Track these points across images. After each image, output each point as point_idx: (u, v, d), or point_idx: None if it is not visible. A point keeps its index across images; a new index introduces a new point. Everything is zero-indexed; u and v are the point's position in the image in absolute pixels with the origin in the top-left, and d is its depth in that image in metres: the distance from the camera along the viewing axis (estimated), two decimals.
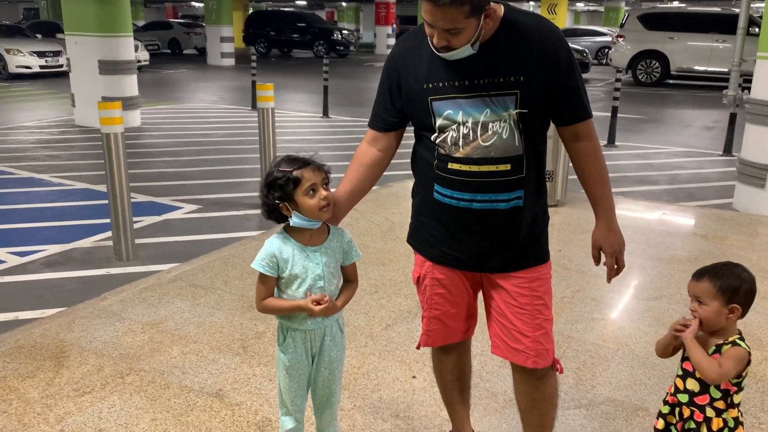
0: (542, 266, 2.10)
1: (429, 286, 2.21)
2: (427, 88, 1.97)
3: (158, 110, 12.30)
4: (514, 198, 1.99)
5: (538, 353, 2.08)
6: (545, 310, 2.09)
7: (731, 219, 5.74)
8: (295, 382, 2.13)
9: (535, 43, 1.90)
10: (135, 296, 3.93)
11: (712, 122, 11.73)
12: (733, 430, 1.90)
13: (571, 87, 1.97)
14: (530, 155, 1.98)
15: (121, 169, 4.54)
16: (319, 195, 1.96)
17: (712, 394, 1.89)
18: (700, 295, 1.87)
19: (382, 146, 2.19)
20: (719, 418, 1.89)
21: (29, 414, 2.72)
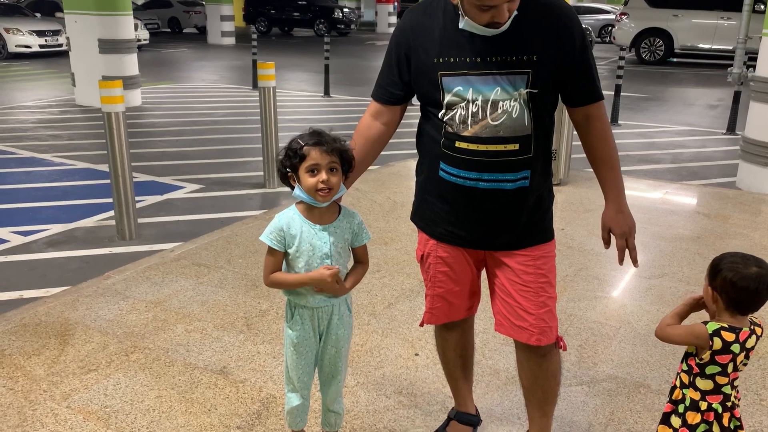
0: (547, 244, 2.10)
1: (433, 264, 2.21)
2: (438, 63, 1.93)
3: (159, 89, 12.24)
4: (520, 178, 1.97)
5: (542, 330, 2.08)
6: (549, 288, 2.09)
7: (734, 198, 5.73)
8: (302, 359, 2.14)
9: (550, 23, 1.88)
10: (138, 275, 3.94)
11: (716, 101, 11.66)
12: (688, 409, 1.87)
13: (584, 68, 1.95)
14: (539, 135, 1.96)
15: (123, 148, 4.54)
16: (319, 177, 1.95)
17: (683, 364, 1.93)
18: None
19: (386, 119, 2.19)
20: (680, 390, 1.91)
21: (35, 391, 2.74)
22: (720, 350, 1.80)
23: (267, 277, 2.05)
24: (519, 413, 2.63)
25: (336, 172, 1.98)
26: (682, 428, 1.89)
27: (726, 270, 1.81)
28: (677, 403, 1.91)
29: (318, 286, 2.00)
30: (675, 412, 1.91)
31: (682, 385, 1.91)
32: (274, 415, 2.60)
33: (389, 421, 2.57)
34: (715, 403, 1.86)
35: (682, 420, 1.89)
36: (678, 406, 1.91)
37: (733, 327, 1.82)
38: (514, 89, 1.89)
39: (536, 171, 2.00)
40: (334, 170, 1.98)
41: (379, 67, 2.17)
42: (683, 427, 1.88)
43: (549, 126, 2.02)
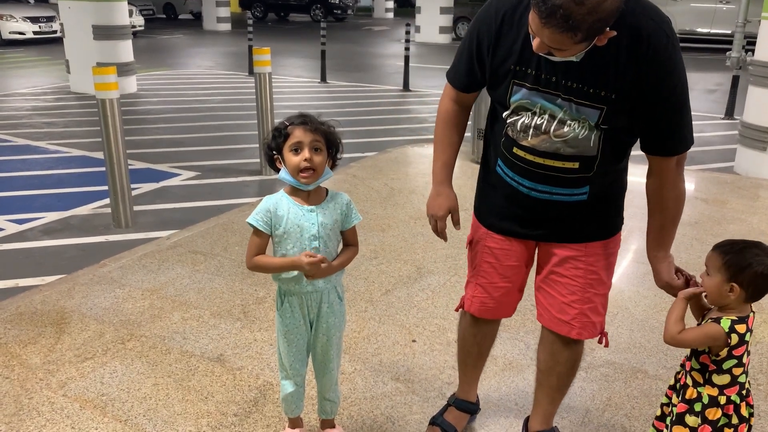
0: (604, 241, 2.02)
1: (479, 253, 2.18)
2: (514, 70, 1.83)
3: (154, 76, 12.16)
4: (577, 194, 1.92)
5: (584, 325, 2.06)
6: (598, 284, 2.04)
7: (732, 182, 5.72)
8: (294, 347, 2.13)
9: (641, 55, 1.69)
10: (134, 263, 3.93)
11: (714, 85, 11.62)
12: (707, 407, 1.83)
13: (672, 115, 1.78)
14: (606, 154, 1.85)
15: (118, 135, 4.50)
16: (302, 156, 1.93)
17: (692, 362, 1.87)
18: (707, 265, 1.81)
19: (467, 103, 2.15)
20: (694, 389, 1.86)
21: (31, 380, 2.73)
22: (737, 344, 1.78)
23: (249, 259, 2.03)
24: (516, 399, 2.63)
25: (320, 153, 1.96)
26: (702, 426, 1.84)
27: (756, 264, 1.74)
28: (692, 402, 1.86)
29: (297, 270, 1.98)
30: (690, 411, 1.86)
31: (696, 384, 1.86)
32: (271, 402, 2.59)
33: (386, 407, 2.57)
34: (733, 394, 1.83)
35: (702, 418, 1.84)
36: (693, 405, 1.85)
37: (741, 317, 1.79)
38: (584, 115, 1.79)
39: (597, 185, 1.92)
40: (318, 150, 1.96)
41: (374, 53, 2.15)
42: (704, 424, 1.84)
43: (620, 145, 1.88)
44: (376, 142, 7.27)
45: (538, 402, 2.27)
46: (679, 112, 1.79)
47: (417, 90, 10.99)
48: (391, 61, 14.88)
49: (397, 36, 20.95)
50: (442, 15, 19.63)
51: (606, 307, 2.12)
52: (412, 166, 6.21)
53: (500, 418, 2.51)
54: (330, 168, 2.03)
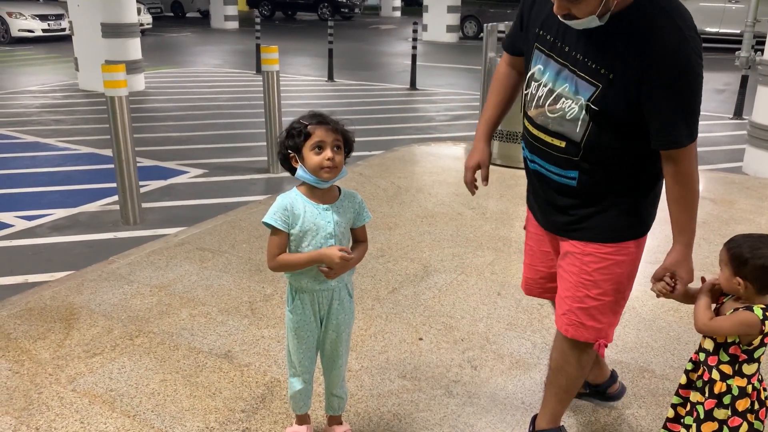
0: (600, 245, 1.98)
1: (526, 234, 2.33)
2: (538, 34, 1.93)
3: (162, 74, 12.20)
4: (565, 176, 1.94)
5: (572, 324, 2.06)
6: (593, 288, 2.00)
7: (740, 183, 5.69)
8: (304, 344, 2.14)
9: (645, 42, 1.71)
10: (143, 259, 3.95)
11: (722, 85, 11.57)
12: (737, 398, 1.84)
13: (668, 108, 1.75)
14: (594, 147, 1.85)
15: (126, 132, 4.52)
16: (325, 155, 1.94)
17: (720, 356, 1.86)
18: (720, 260, 1.86)
19: (517, 66, 2.19)
20: (723, 382, 1.85)
21: (41, 374, 2.75)
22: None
23: (272, 259, 2.01)
24: (523, 398, 2.63)
25: (340, 151, 1.98)
26: (732, 418, 1.84)
27: (754, 258, 1.77)
28: (721, 395, 1.85)
29: (326, 263, 1.99)
30: (720, 405, 1.86)
31: (724, 377, 1.85)
32: (279, 398, 2.60)
33: (393, 405, 2.58)
34: (755, 381, 1.87)
35: (732, 410, 1.84)
36: (723, 398, 1.85)
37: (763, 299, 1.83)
38: (578, 94, 1.82)
39: (594, 177, 1.90)
40: (339, 148, 1.98)
41: (382, 52, 2.18)
42: (734, 416, 1.84)
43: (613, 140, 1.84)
44: (383, 141, 7.27)
45: (547, 400, 2.27)
46: (677, 108, 1.76)
47: (424, 89, 10.99)
48: (398, 59, 14.88)
49: (404, 35, 20.94)
50: (449, 14, 19.62)
51: (606, 316, 2.04)
52: (419, 165, 6.21)
53: (507, 416, 2.52)
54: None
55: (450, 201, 5.11)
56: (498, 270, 3.84)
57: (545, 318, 3.26)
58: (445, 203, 5.05)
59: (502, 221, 4.67)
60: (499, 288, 3.60)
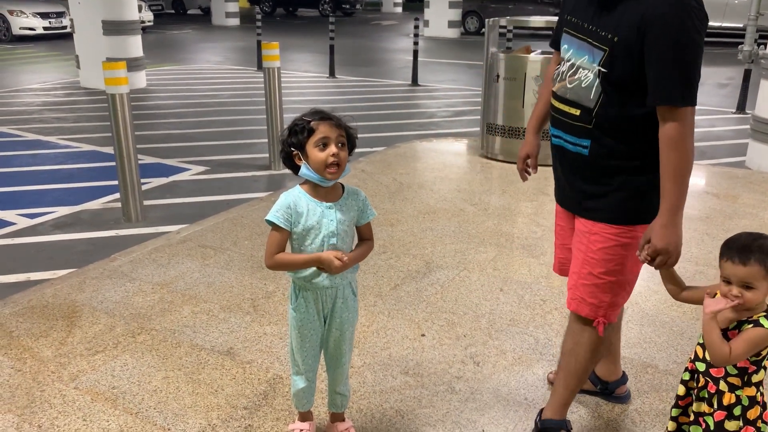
0: (604, 225, 2.05)
1: (555, 214, 2.39)
2: (567, 20, 2.06)
3: (163, 71, 12.19)
4: (579, 145, 2.03)
5: (574, 297, 2.18)
6: (597, 267, 2.08)
7: (744, 177, 5.67)
8: (307, 342, 2.13)
9: (648, 7, 1.81)
10: (145, 257, 3.94)
11: (725, 79, 11.53)
12: (747, 408, 1.77)
13: (660, 63, 1.82)
14: (605, 113, 1.94)
15: (128, 130, 4.52)
16: (329, 151, 1.93)
17: (728, 369, 1.78)
18: (749, 280, 1.66)
19: None
20: (732, 393, 1.78)
21: (43, 372, 2.75)
22: None
23: (270, 257, 2.00)
24: (525, 394, 2.63)
25: (344, 148, 1.97)
26: (745, 428, 1.79)
27: None
28: (731, 407, 1.78)
29: (324, 266, 1.98)
30: (730, 417, 1.79)
31: (733, 388, 1.78)
32: (281, 395, 2.60)
33: (396, 401, 2.57)
34: (762, 387, 1.81)
35: (743, 420, 1.78)
36: (733, 410, 1.79)
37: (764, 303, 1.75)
38: (594, 62, 1.95)
39: (603, 147, 1.98)
40: (343, 145, 1.96)
41: (383, 48, 2.19)
42: (746, 425, 1.78)
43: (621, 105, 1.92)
44: (385, 137, 7.26)
45: (555, 390, 2.31)
46: (669, 64, 1.81)
47: (426, 84, 10.97)
48: (399, 55, 14.85)
49: (405, 30, 20.90)
50: (451, 9, 19.57)
51: (606, 295, 2.11)
52: (421, 161, 6.20)
53: (510, 412, 2.51)
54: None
55: (452, 197, 5.09)
56: (500, 266, 3.83)
57: (548, 314, 3.25)
58: (447, 199, 5.04)
59: (504, 217, 4.66)
60: (502, 284, 3.60)
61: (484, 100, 6.27)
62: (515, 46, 8.56)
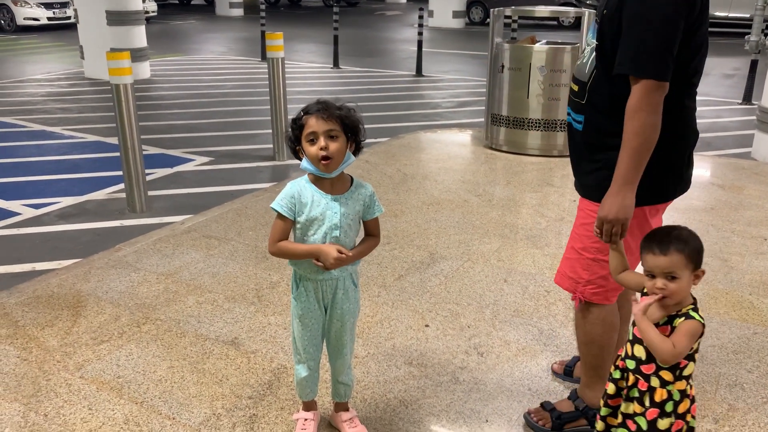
0: (590, 202, 2.10)
1: None
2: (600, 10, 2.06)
3: (167, 62, 12.18)
4: (576, 120, 2.08)
5: (558, 271, 2.27)
6: (577, 241, 2.15)
7: (749, 168, 5.65)
8: (308, 331, 2.14)
9: None
10: (149, 247, 3.95)
11: (731, 70, 11.46)
12: (678, 403, 1.75)
13: (625, 31, 1.84)
14: (597, 88, 1.99)
15: (132, 120, 4.52)
16: (318, 145, 1.92)
17: (658, 363, 1.74)
18: (672, 269, 1.67)
19: None
20: (663, 389, 1.75)
21: (49, 361, 2.77)
22: None
23: (273, 245, 2.02)
24: (529, 384, 2.63)
25: (336, 140, 1.94)
26: (676, 422, 1.76)
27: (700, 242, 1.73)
28: (663, 403, 1.75)
29: (321, 259, 1.98)
30: (663, 414, 1.75)
31: (664, 383, 1.75)
32: (285, 385, 2.61)
33: (399, 391, 2.58)
34: (691, 380, 1.78)
35: (675, 414, 1.76)
36: (665, 406, 1.75)
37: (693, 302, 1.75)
38: (593, 37, 2.03)
39: (592, 123, 2.02)
40: (335, 138, 1.94)
41: (387, 38, 2.20)
42: (677, 420, 1.76)
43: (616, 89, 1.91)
44: (389, 128, 7.24)
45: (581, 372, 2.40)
46: (629, 32, 1.83)
47: (430, 75, 10.93)
48: (404, 46, 14.80)
49: (410, 21, 20.81)
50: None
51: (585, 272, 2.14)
52: (425, 152, 6.19)
53: (513, 402, 2.52)
54: (353, 153, 2.03)
55: (456, 188, 5.09)
56: (504, 257, 3.83)
57: (552, 305, 3.25)
58: (451, 190, 5.03)
59: (508, 208, 4.65)
60: (506, 275, 3.59)
61: (489, 90, 6.24)
62: (520, 36, 8.52)
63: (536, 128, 5.93)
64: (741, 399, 2.53)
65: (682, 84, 1.92)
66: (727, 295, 3.37)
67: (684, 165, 2.05)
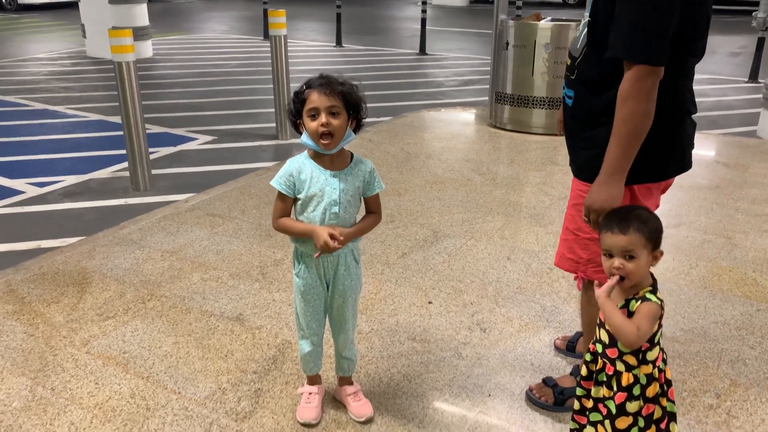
0: (579, 182, 2.08)
1: None
2: None
3: (169, 41, 12.12)
4: (568, 95, 2.06)
5: (557, 253, 2.25)
6: (571, 222, 2.13)
7: (755, 147, 5.62)
8: (310, 307, 2.15)
9: None
10: (153, 225, 3.97)
11: (738, 48, 11.35)
12: (646, 387, 1.73)
13: (618, 13, 1.77)
14: (585, 65, 1.96)
15: (135, 98, 4.51)
16: (319, 121, 1.91)
17: (620, 347, 1.73)
18: (631, 248, 1.66)
19: None
20: (629, 373, 1.73)
21: (55, 337, 2.79)
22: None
23: (275, 221, 2.06)
24: (532, 360, 2.65)
25: (338, 116, 1.93)
26: (646, 406, 1.75)
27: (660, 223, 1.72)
28: (630, 387, 1.74)
29: (314, 240, 1.97)
30: (631, 398, 1.74)
31: (629, 368, 1.73)
32: (290, 360, 2.63)
33: (403, 366, 2.60)
34: (660, 363, 1.76)
35: (643, 399, 1.75)
36: (632, 389, 1.74)
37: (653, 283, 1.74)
38: (588, 13, 1.97)
39: (581, 99, 2.00)
40: (336, 114, 1.93)
41: (391, 16, 2.19)
42: (646, 404, 1.75)
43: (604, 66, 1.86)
44: (392, 107, 7.22)
45: None
46: (622, 15, 1.76)
47: (434, 53, 10.86)
48: (407, 24, 14.68)
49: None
50: None
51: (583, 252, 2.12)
52: (429, 131, 6.17)
53: (516, 378, 2.53)
54: (353, 130, 2.02)
55: (460, 167, 5.08)
56: (508, 235, 3.84)
57: (555, 282, 3.26)
58: (454, 169, 5.02)
59: (512, 186, 4.65)
60: (509, 252, 3.60)
61: (493, 68, 6.20)
62: (525, 13, 8.45)
63: (541, 106, 5.90)
64: (743, 374, 2.55)
65: (676, 63, 1.83)
66: (731, 273, 3.37)
67: (676, 145, 1.98)
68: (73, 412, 2.33)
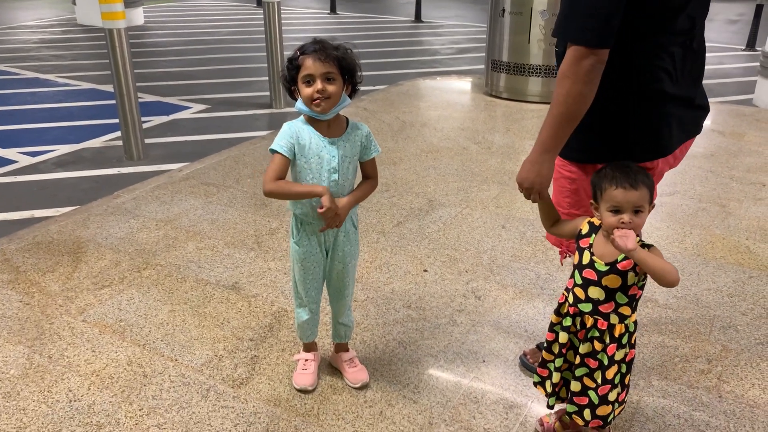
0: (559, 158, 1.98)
1: None
2: None
3: (161, 8, 11.92)
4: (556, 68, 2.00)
5: None
6: (557, 196, 2.10)
7: (751, 115, 5.61)
8: (310, 275, 2.15)
9: None
10: (148, 194, 3.95)
11: (736, 15, 11.24)
12: (632, 334, 1.82)
13: None
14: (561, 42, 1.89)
15: (127, 66, 4.45)
16: (314, 87, 1.89)
17: (618, 300, 1.77)
18: (641, 203, 1.68)
19: None
20: (622, 324, 1.78)
21: (51, 306, 2.80)
22: None
23: (270, 183, 1.94)
24: (526, 326, 2.67)
25: (333, 82, 1.91)
26: (630, 352, 1.82)
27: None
28: (621, 337, 1.79)
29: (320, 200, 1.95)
30: (619, 347, 1.79)
31: (623, 318, 1.79)
32: (286, 327, 2.65)
33: (398, 333, 2.62)
34: None
35: (629, 345, 1.81)
36: (621, 339, 1.79)
37: None
38: None
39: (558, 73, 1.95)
40: (332, 80, 1.91)
41: None
42: (631, 349, 1.82)
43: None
44: (388, 75, 7.15)
45: None
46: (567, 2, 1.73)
47: (429, 21, 10.73)
48: None
49: None
50: None
51: None
52: (424, 100, 6.13)
53: (510, 344, 2.56)
54: (349, 95, 2.00)
55: (455, 136, 5.05)
56: (503, 203, 3.84)
57: (549, 250, 3.27)
58: (450, 138, 5.00)
59: (507, 155, 4.64)
60: (504, 221, 3.61)
61: (489, 36, 6.14)
62: None
63: (537, 74, 5.86)
64: (734, 340, 2.58)
65: (645, 42, 1.75)
66: (724, 240, 3.39)
67: (647, 128, 1.86)
68: (70, 379, 2.34)
